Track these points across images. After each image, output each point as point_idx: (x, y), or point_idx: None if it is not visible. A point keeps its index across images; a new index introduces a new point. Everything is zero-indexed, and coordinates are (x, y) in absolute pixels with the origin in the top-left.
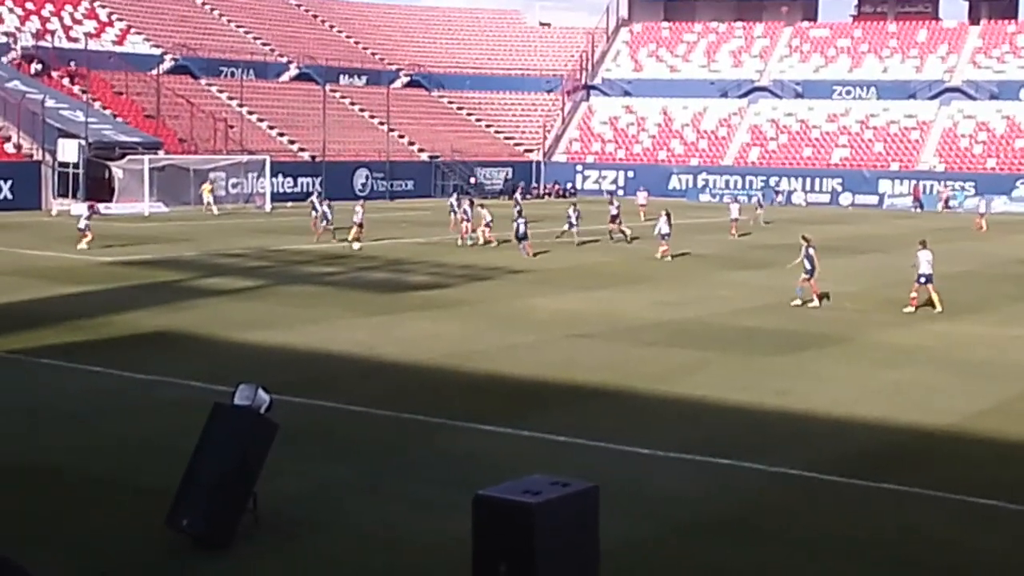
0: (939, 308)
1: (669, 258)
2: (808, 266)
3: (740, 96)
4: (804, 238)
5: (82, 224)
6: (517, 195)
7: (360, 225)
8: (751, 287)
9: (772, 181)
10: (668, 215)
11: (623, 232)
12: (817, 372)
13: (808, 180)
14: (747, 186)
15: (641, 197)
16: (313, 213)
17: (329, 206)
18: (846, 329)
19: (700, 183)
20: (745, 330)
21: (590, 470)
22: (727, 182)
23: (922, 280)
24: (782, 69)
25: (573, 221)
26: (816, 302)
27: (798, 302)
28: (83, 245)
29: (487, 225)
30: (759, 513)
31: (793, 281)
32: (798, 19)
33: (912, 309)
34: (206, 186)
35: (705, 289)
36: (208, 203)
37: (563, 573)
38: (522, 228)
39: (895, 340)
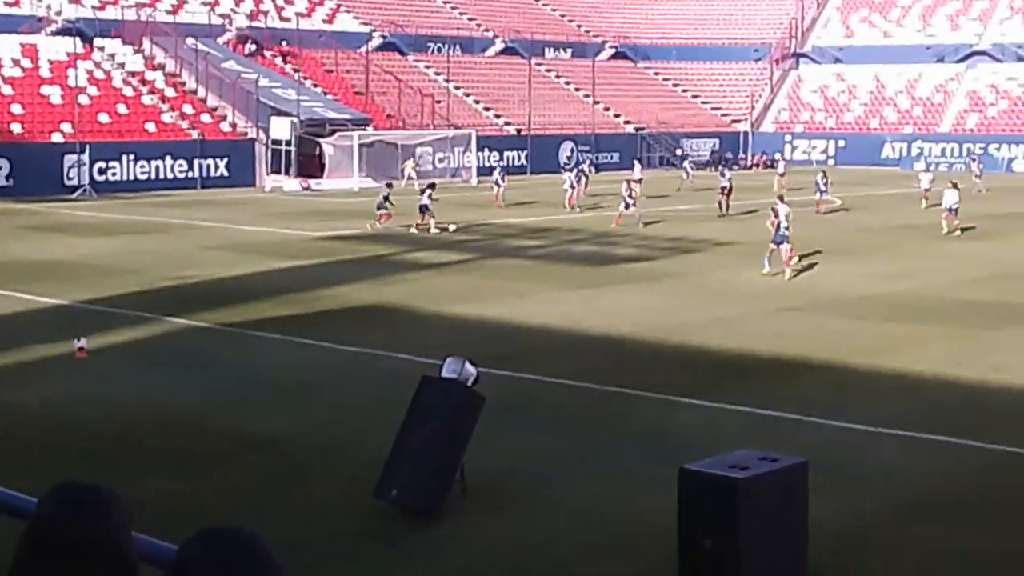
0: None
1: (959, 233)
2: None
3: (958, 61)
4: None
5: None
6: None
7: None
8: (967, 258)
9: (976, 148)
10: (956, 187)
11: (727, 206)
12: None
13: None
14: (964, 154)
15: (636, 171)
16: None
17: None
18: None
19: (915, 151)
20: (963, 303)
21: (800, 445)
22: (943, 150)
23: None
24: (1003, 32)
25: (822, 187)
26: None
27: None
28: (379, 224)
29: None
30: (978, 492)
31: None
32: None
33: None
34: (409, 162)
35: (919, 261)
36: (410, 177)
37: (770, 550)
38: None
39: None
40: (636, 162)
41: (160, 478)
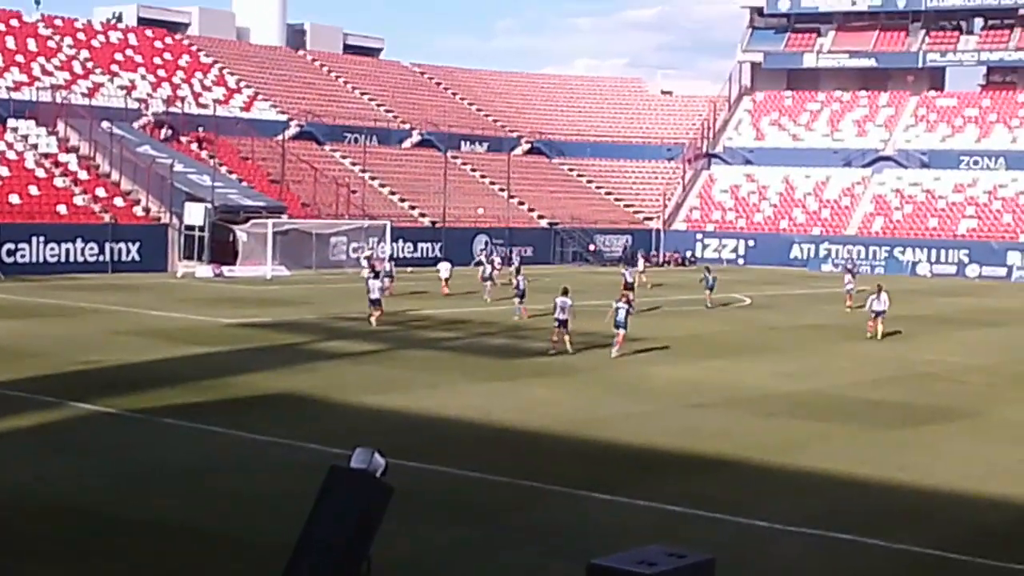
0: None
1: (879, 337)
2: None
3: (864, 165)
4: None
5: (375, 295)
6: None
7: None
8: (871, 359)
9: (853, 251)
10: (882, 290)
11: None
12: (942, 447)
13: (934, 251)
14: (870, 256)
15: (444, 269)
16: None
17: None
18: (973, 403)
19: (822, 252)
20: (867, 402)
21: (706, 541)
22: (849, 252)
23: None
24: (908, 138)
25: (710, 282)
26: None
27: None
28: (373, 322)
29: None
30: None
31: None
32: (924, 88)
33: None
34: (365, 251)
35: (825, 360)
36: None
37: None
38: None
39: None
40: (484, 256)
41: (48, 566)
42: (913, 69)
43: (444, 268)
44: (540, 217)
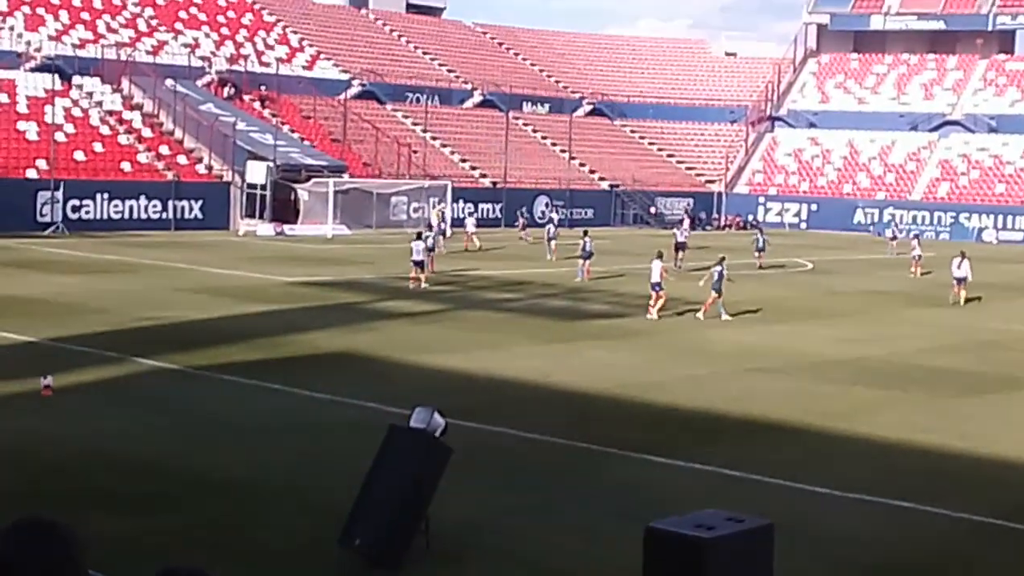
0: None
1: (961, 303)
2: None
3: (930, 130)
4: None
5: (419, 256)
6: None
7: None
8: (935, 325)
9: (893, 216)
10: (964, 256)
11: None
12: (1004, 416)
13: (1000, 217)
14: (936, 222)
15: (470, 224)
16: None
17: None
18: None
19: (886, 218)
20: (930, 370)
21: (764, 506)
22: (914, 217)
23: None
24: (976, 103)
25: (761, 244)
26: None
27: (727, 317)
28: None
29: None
30: (939, 560)
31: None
32: (993, 52)
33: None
34: (435, 210)
35: (888, 326)
36: (440, 228)
37: None
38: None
39: None
40: (470, 216)
41: (112, 519)
42: (982, 32)
43: (470, 224)
44: (601, 179)
